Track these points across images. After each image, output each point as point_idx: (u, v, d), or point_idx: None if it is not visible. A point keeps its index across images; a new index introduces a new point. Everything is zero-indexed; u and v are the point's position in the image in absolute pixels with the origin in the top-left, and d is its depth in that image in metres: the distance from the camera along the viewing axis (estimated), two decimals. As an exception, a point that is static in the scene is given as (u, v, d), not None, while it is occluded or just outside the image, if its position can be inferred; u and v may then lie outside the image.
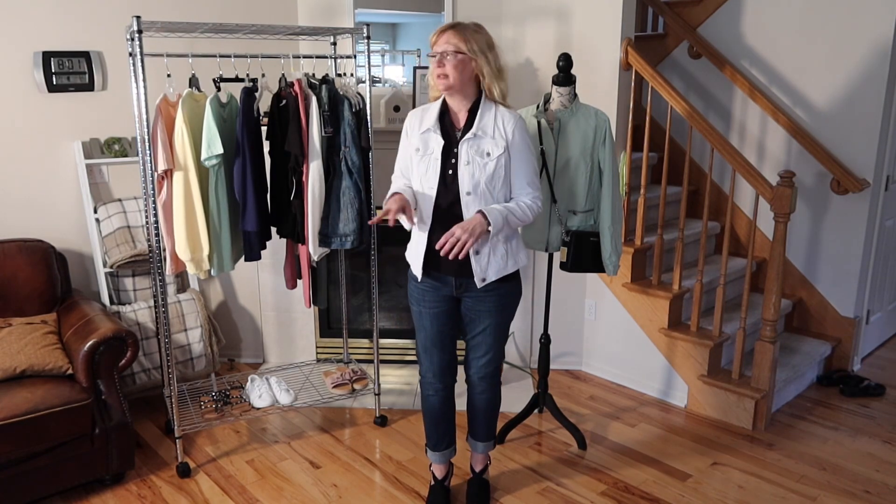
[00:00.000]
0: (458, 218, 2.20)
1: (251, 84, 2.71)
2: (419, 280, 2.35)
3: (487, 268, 2.27)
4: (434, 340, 2.40)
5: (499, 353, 2.45)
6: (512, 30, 3.78)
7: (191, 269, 2.72)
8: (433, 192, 2.24)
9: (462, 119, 2.26)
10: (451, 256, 2.11)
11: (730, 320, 3.51)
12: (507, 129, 2.21)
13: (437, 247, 2.13)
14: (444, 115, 2.28)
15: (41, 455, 2.48)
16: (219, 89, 2.69)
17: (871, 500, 2.65)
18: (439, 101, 2.28)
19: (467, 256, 2.21)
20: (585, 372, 3.83)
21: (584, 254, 2.77)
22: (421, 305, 2.38)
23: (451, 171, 2.23)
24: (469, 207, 2.20)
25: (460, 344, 2.52)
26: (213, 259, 2.74)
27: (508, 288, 2.35)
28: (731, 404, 3.22)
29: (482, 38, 2.18)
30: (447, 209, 2.24)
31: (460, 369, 2.47)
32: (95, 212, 3.29)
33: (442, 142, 2.24)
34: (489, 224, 2.14)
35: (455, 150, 2.23)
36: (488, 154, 2.20)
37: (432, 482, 2.63)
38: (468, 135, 2.21)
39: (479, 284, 2.27)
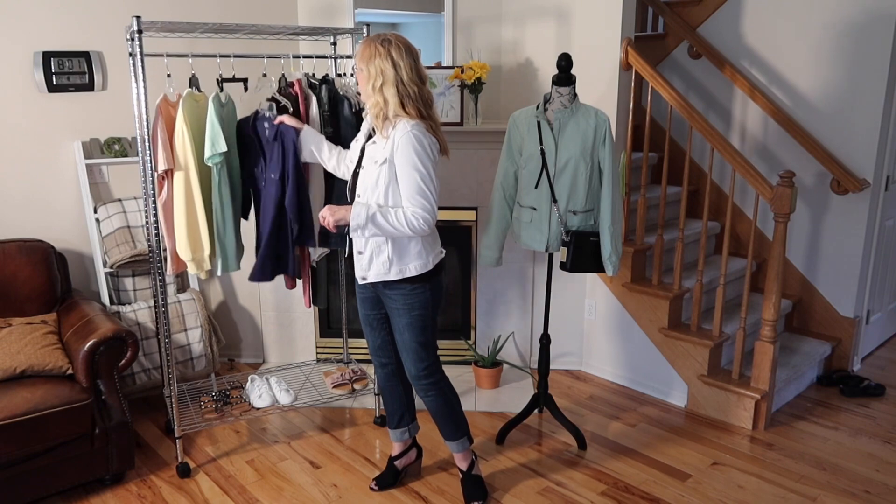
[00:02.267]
0: None
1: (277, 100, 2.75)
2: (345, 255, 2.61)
3: (368, 268, 2.37)
4: (363, 321, 2.58)
5: (421, 353, 2.44)
6: (512, 30, 3.78)
7: (191, 269, 2.72)
8: (347, 187, 2.45)
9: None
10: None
11: (730, 320, 3.51)
12: (395, 139, 2.22)
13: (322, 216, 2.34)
14: None
15: (41, 455, 2.48)
16: (221, 89, 2.69)
17: (871, 500, 2.65)
18: None
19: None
20: (585, 372, 3.83)
21: (584, 254, 2.77)
22: (356, 288, 2.57)
23: (359, 170, 2.37)
24: None
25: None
26: (215, 259, 2.74)
27: (413, 288, 2.36)
28: (731, 404, 3.22)
29: (377, 60, 2.19)
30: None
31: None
32: (95, 212, 3.29)
33: (362, 141, 2.38)
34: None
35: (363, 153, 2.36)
36: (376, 161, 2.27)
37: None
38: (370, 141, 2.32)
39: (360, 282, 2.43)
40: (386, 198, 2.26)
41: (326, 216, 2.30)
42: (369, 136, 2.36)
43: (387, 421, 2.71)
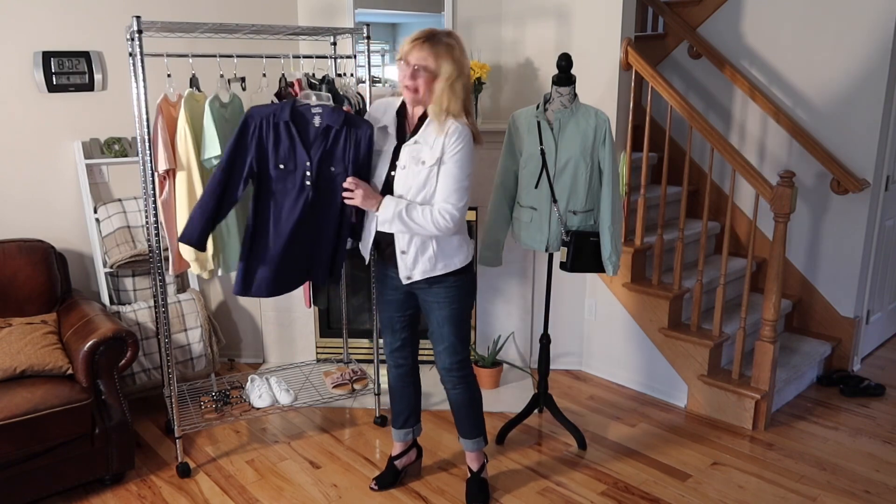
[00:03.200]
0: None
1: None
2: (366, 262, 2.57)
3: (413, 267, 2.34)
4: (385, 323, 2.57)
5: (457, 346, 2.45)
6: (512, 30, 3.78)
7: (195, 269, 2.72)
8: (379, 188, 2.36)
9: (414, 123, 2.32)
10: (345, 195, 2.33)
11: (730, 320, 3.51)
12: (448, 140, 2.22)
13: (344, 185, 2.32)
14: (402, 115, 2.35)
15: (41, 455, 2.48)
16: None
17: (871, 500, 2.65)
18: (400, 99, 2.34)
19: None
20: (585, 372, 3.83)
21: (584, 254, 2.77)
22: (378, 290, 2.58)
23: (392, 172, 2.32)
24: None
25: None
26: (217, 259, 2.74)
27: (455, 281, 2.38)
28: (731, 404, 3.22)
29: (454, 55, 2.17)
30: None
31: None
32: (95, 212, 3.29)
33: (395, 142, 2.33)
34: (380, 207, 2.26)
35: (400, 152, 2.31)
36: (423, 162, 2.25)
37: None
38: (410, 140, 2.28)
39: (404, 281, 2.37)
40: (433, 198, 2.26)
41: (357, 195, 2.28)
42: (401, 137, 2.32)
43: (392, 420, 2.71)
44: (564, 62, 2.70)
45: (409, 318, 2.54)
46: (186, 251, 2.67)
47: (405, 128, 2.34)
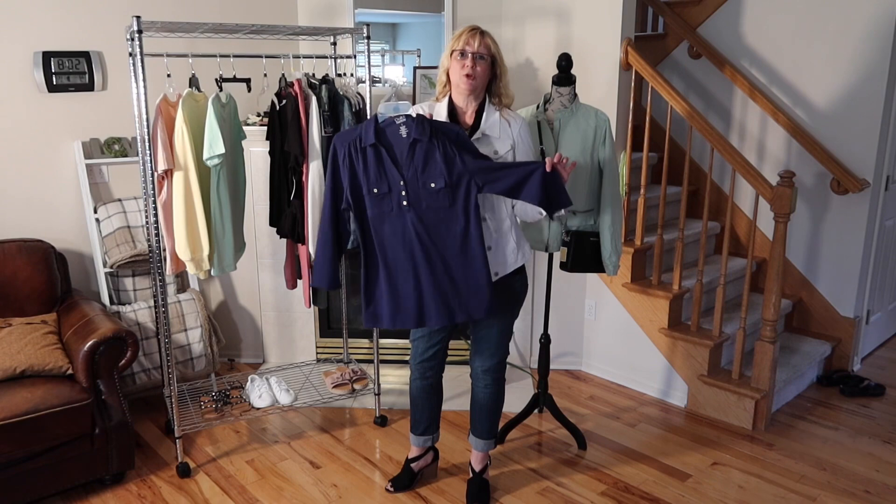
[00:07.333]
0: None
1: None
2: None
3: (496, 262, 2.32)
4: (421, 332, 2.51)
5: (503, 349, 2.48)
6: (512, 30, 3.78)
7: (191, 269, 2.72)
8: None
9: (469, 119, 2.31)
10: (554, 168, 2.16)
11: (730, 320, 3.51)
12: (514, 129, 2.29)
13: (554, 160, 2.14)
14: (452, 115, 2.33)
15: (41, 455, 2.48)
16: (221, 89, 2.69)
17: (871, 500, 2.65)
18: (446, 101, 2.32)
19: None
20: (585, 372, 3.83)
21: (584, 254, 2.77)
22: None
23: None
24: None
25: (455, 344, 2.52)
26: (213, 259, 2.74)
27: (515, 284, 2.38)
28: (731, 404, 3.22)
29: (499, 48, 2.29)
30: None
31: (459, 369, 2.48)
32: (95, 212, 3.30)
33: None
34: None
35: None
36: (496, 152, 2.27)
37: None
38: (476, 134, 2.28)
39: (492, 279, 2.31)
40: None
41: (564, 167, 2.17)
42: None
43: (411, 426, 2.68)
44: (564, 62, 2.70)
45: (451, 326, 2.46)
46: (182, 250, 2.67)
47: (460, 125, 2.31)
